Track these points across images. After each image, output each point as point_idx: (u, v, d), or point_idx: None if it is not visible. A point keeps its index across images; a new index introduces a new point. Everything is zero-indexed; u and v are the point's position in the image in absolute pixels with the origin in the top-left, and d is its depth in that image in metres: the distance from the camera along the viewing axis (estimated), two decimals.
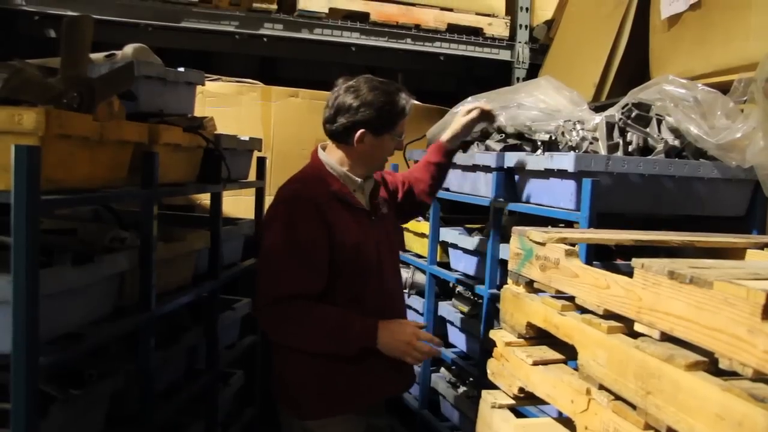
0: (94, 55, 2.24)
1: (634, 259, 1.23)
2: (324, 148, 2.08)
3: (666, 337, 1.15)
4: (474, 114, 2.31)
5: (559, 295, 1.52)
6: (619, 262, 2.15)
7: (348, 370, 1.94)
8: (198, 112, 2.68)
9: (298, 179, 2.03)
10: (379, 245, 2.04)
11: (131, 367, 2.04)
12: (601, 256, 2.07)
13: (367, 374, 1.96)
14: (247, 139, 2.87)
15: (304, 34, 3.83)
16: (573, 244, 1.54)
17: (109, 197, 1.99)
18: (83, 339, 1.73)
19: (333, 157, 2.03)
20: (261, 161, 3.14)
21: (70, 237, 2.09)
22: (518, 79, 4.23)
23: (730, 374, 1.00)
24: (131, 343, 2.07)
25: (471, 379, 2.73)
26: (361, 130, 1.95)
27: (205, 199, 3.18)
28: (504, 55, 4.28)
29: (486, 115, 2.36)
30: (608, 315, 1.32)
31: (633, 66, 3.24)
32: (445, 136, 2.36)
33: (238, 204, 3.20)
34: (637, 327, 1.21)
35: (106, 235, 2.08)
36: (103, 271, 1.81)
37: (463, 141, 2.78)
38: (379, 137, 1.99)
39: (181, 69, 2.46)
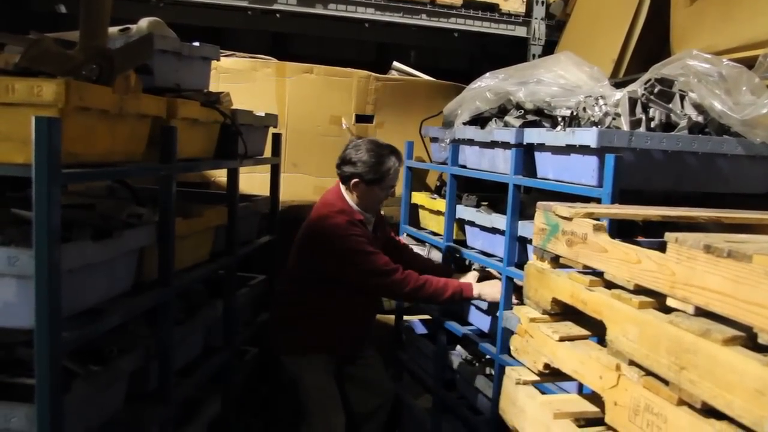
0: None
1: (667, 234, 1.20)
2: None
3: (700, 312, 1.14)
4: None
5: (585, 270, 1.50)
6: (640, 239, 2.12)
7: (320, 327, 2.58)
8: (212, 87, 2.64)
9: (341, 210, 2.56)
10: None
11: (151, 343, 2.03)
12: (621, 232, 2.04)
13: (330, 336, 2.61)
14: (263, 114, 2.85)
15: (318, 10, 3.78)
16: (599, 219, 1.52)
17: (129, 171, 1.98)
18: (104, 315, 1.72)
19: (348, 196, 2.61)
20: (276, 137, 3.11)
21: (89, 212, 2.08)
22: (534, 56, 4.18)
23: None
24: (150, 320, 2.07)
25: (487, 356, 2.72)
26: (356, 179, 2.54)
27: (219, 175, 3.16)
28: (520, 31, 4.23)
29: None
30: (638, 290, 1.30)
31: (651, 42, 3.19)
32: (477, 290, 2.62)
33: (253, 180, 3.17)
34: (670, 302, 1.19)
35: (122, 211, 2.07)
36: (122, 246, 1.80)
37: (481, 118, 2.75)
38: (369, 187, 2.56)
39: (196, 44, 2.43)
